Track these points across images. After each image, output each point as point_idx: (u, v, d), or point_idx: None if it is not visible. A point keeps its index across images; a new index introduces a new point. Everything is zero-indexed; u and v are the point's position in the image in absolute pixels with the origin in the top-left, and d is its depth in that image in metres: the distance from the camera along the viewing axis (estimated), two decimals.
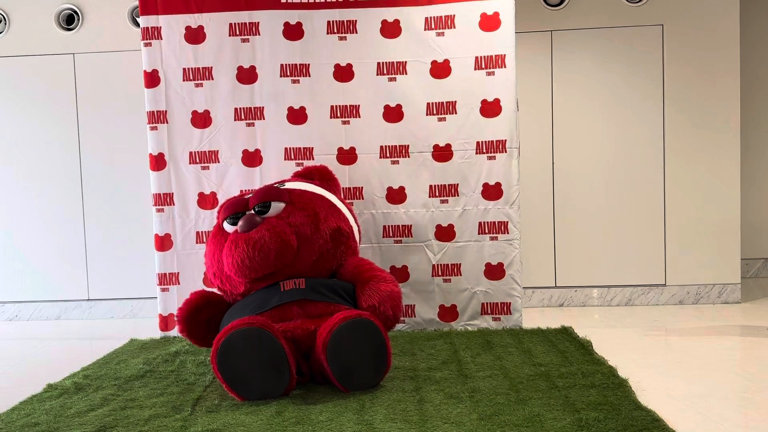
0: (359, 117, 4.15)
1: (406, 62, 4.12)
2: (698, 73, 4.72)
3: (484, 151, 4.10)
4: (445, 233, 4.14)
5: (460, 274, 4.13)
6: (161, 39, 4.15)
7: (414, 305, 4.14)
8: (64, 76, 4.90)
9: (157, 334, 4.21)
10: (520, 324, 4.10)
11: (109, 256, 4.92)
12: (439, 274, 4.15)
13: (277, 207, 3.34)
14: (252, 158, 4.17)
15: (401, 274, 4.13)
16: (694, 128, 4.74)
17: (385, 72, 4.14)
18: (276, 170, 4.15)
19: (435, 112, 4.12)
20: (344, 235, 3.47)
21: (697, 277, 4.78)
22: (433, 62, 4.11)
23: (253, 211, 3.33)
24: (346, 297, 3.27)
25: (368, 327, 2.91)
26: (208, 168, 4.19)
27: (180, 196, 4.19)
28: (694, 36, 4.71)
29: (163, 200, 4.19)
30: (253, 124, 4.17)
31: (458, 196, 4.13)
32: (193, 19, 4.15)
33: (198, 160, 4.18)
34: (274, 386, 2.87)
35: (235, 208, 3.38)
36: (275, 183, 3.66)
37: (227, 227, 3.37)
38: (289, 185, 3.55)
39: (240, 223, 3.24)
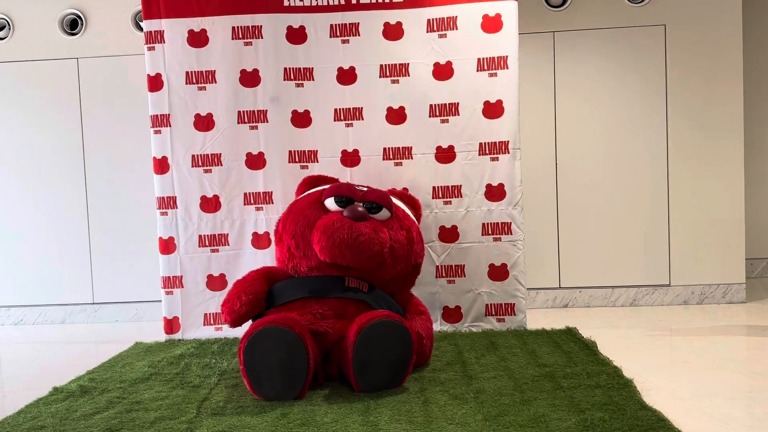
0: (362, 119, 4.16)
1: (408, 64, 4.13)
2: (701, 73, 4.72)
3: (487, 152, 4.11)
4: (449, 234, 4.14)
5: (464, 276, 4.13)
6: (164, 43, 4.17)
7: None
8: (68, 81, 4.92)
9: (162, 337, 4.21)
10: (525, 325, 4.10)
11: (114, 259, 4.93)
12: (443, 275, 4.15)
13: (384, 214, 3.39)
14: (255, 161, 4.18)
15: None
16: (697, 128, 4.74)
17: (387, 74, 4.14)
18: (279, 173, 4.16)
19: (438, 114, 4.13)
20: (418, 271, 3.57)
21: (701, 278, 4.77)
22: (436, 64, 4.11)
23: (362, 205, 3.34)
24: None
25: (404, 334, 2.93)
26: (210, 171, 4.20)
27: (183, 199, 4.20)
28: (696, 36, 4.71)
29: (167, 203, 4.20)
30: (256, 128, 4.18)
31: (461, 197, 4.13)
32: (196, 23, 4.17)
33: (201, 164, 4.19)
34: (286, 392, 2.88)
35: (347, 192, 3.39)
36: (386, 190, 3.70)
37: (330, 205, 3.37)
38: (394, 200, 3.58)
39: (348, 210, 3.25)
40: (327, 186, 3.62)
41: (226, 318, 3.24)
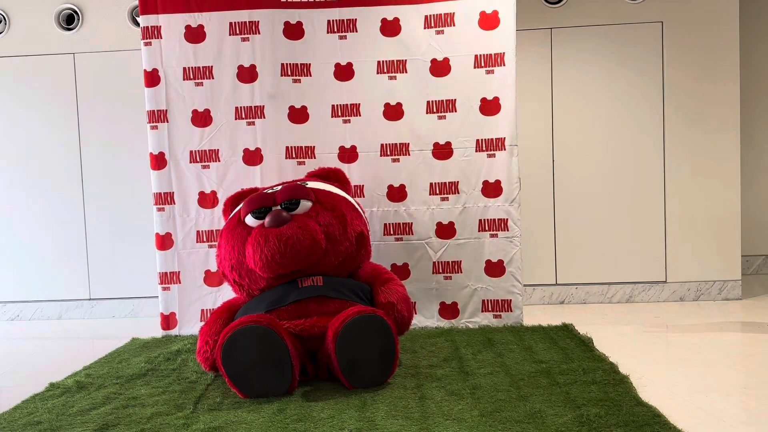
0: (360, 115, 4.16)
1: (405, 60, 4.12)
2: (698, 69, 4.72)
3: (484, 148, 4.11)
4: (446, 231, 4.14)
5: (461, 272, 4.14)
6: (161, 38, 4.16)
7: (415, 303, 4.14)
8: (64, 76, 4.91)
9: (159, 332, 4.21)
10: (521, 321, 4.10)
11: (111, 255, 4.93)
12: (440, 271, 4.15)
13: (305, 205, 3.32)
14: (253, 157, 4.18)
15: (402, 271, 4.14)
16: (693, 124, 4.75)
17: (385, 70, 4.14)
18: (277, 169, 4.16)
19: (435, 111, 4.13)
20: (365, 239, 3.51)
21: (697, 274, 4.79)
22: (433, 60, 4.11)
23: (280, 207, 3.29)
24: (363, 297, 3.28)
25: (380, 324, 2.91)
26: (208, 167, 4.19)
27: (180, 195, 4.20)
28: (693, 33, 4.71)
29: (164, 199, 4.20)
30: (253, 123, 4.18)
31: (458, 193, 4.13)
32: (193, 18, 4.16)
33: (198, 159, 4.19)
34: (276, 386, 2.88)
35: (261, 203, 3.33)
36: (297, 181, 3.64)
37: (250, 221, 3.31)
38: (311, 185, 3.52)
39: (267, 218, 3.20)
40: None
41: (205, 367, 3.18)
